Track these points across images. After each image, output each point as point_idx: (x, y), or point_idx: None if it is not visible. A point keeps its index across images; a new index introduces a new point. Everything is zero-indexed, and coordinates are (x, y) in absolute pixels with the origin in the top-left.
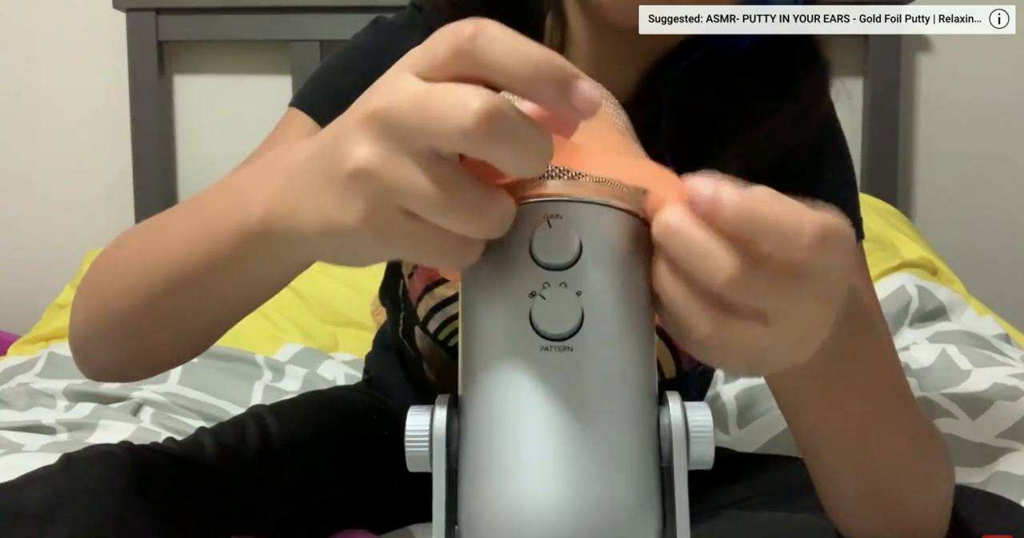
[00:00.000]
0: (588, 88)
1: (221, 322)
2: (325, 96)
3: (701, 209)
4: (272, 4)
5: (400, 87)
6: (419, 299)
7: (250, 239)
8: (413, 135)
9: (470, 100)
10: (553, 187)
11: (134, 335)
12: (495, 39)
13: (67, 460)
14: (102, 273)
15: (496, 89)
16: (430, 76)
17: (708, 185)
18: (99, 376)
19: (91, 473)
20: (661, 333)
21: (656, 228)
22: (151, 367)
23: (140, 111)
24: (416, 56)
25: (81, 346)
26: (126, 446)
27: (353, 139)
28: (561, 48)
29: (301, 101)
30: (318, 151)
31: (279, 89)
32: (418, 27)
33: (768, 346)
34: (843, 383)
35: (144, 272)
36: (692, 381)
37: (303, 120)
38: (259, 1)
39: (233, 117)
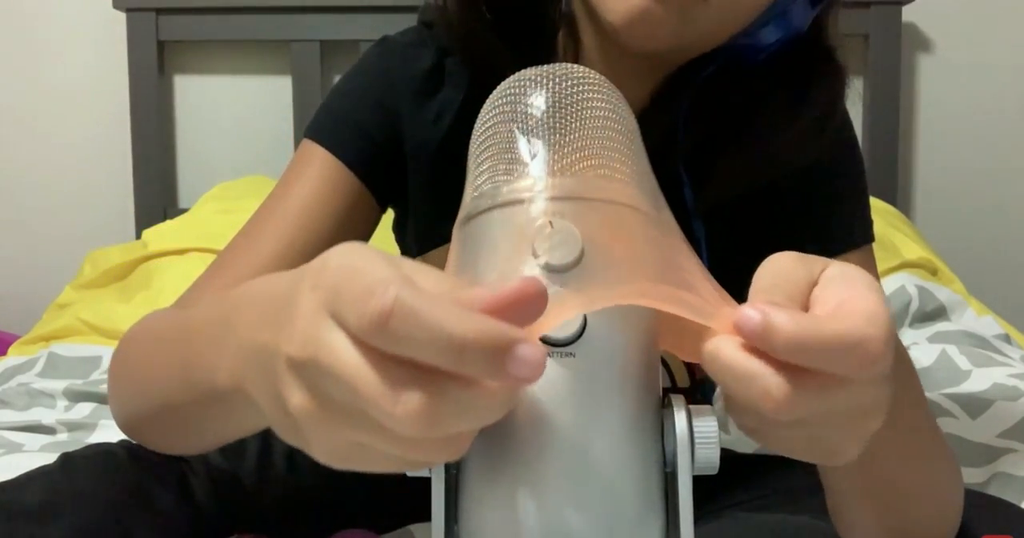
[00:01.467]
0: (528, 353)
1: (233, 435)
2: (342, 127)
3: (750, 338)
4: (272, 4)
5: (329, 343)
6: None
7: (221, 396)
8: (345, 398)
9: (406, 392)
10: (558, 187)
11: (164, 432)
12: (409, 319)
13: (66, 459)
14: (123, 367)
15: None
16: (352, 336)
17: (755, 315)
18: (151, 447)
19: (90, 472)
20: None
21: (703, 357)
22: (196, 448)
23: (140, 111)
24: (333, 297)
25: (125, 424)
26: (125, 445)
27: (285, 382)
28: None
29: (318, 134)
30: (260, 353)
31: (279, 89)
32: (428, 45)
33: (818, 444)
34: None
35: (146, 391)
36: (708, 390)
37: (323, 157)
38: (259, 1)
39: (233, 117)
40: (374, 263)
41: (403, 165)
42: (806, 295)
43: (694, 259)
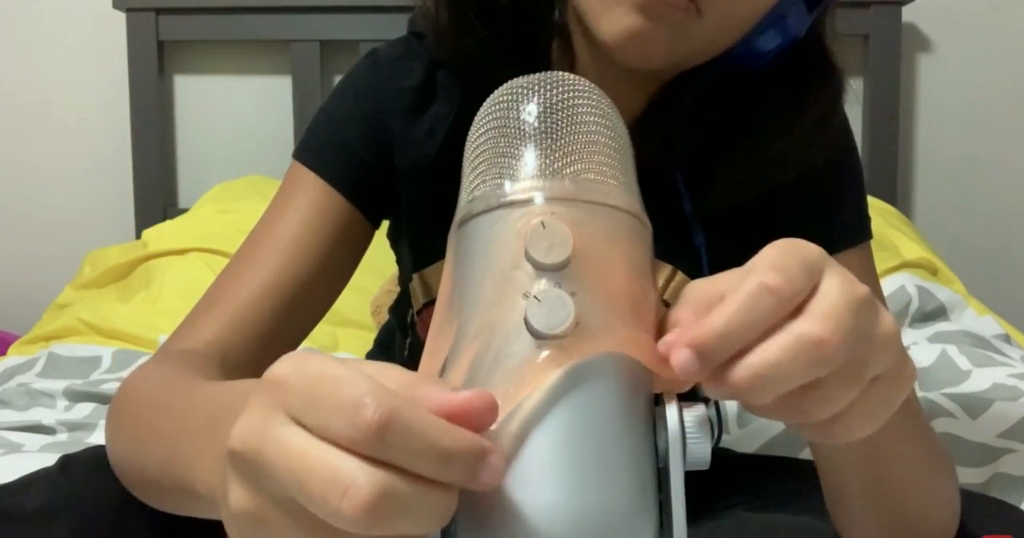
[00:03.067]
0: (497, 463)
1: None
2: (329, 149)
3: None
4: (272, 4)
5: (276, 436)
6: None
7: (200, 498)
8: (286, 495)
9: (355, 485)
10: (550, 190)
11: (148, 497)
12: (404, 431)
13: (66, 461)
14: (117, 426)
15: None
16: (316, 433)
17: (683, 357)
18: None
19: (90, 474)
20: None
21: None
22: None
23: (140, 111)
24: (301, 402)
25: (116, 469)
26: None
27: (228, 478)
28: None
29: (305, 156)
30: (224, 459)
31: (279, 89)
32: (418, 58)
33: (837, 427)
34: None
35: (134, 460)
36: None
37: (311, 181)
38: (259, 1)
39: (233, 117)
40: (343, 370)
41: (395, 183)
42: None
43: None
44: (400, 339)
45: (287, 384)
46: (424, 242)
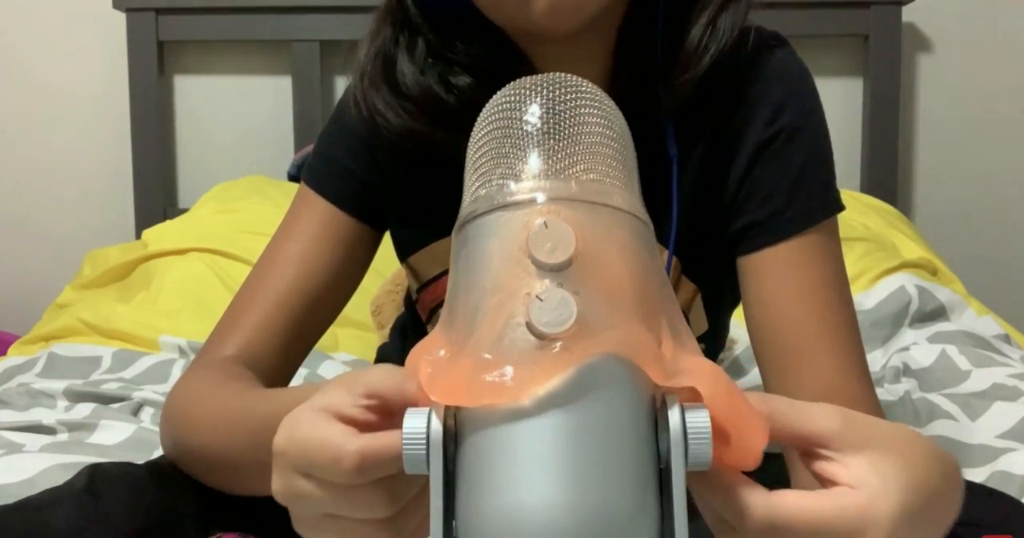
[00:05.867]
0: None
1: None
2: (330, 170)
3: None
4: (272, 4)
5: (299, 492)
6: (427, 321)
7: None
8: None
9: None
10: (554, 190)
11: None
12: (372, 459)
13: (92, 476)
14: (175, 426)
15: None
16: (319, 479)
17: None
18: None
19: (117, 495)
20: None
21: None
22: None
23: (140, 111)
24: (305, 464)
25: (174, 456)
26: (150, 465)
27: (274, 467)
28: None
29: (310, 179)
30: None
31: (279, 89)
32: None
33: None
34: None
35: (208, 446)
36: None
37: (316, 202)
38: (259, 1)
39: (233, 117)
40: (322, 431)
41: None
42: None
43: (662, 266)
44: (415, 334)
45: (288, 453)
46: (406, 228)
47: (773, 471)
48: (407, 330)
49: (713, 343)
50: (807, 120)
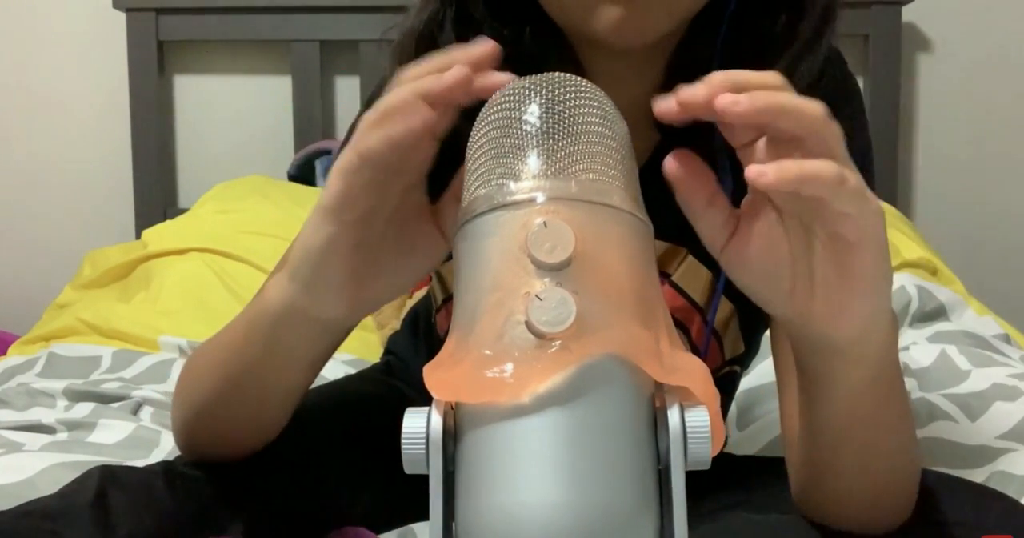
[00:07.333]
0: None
1: (275, 405)
2: None
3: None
4: (272, 4)
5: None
6: (446, 334)
7: (275, 317)
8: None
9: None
10: (553, 189)
11: (215, 422)
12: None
13: (103, 486)
14: (183, 382)
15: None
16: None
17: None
18: (202, 457)
19: (128, 511)
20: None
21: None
22: (236, 447)
23: (140, 111)
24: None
25: (181, 439)
26: (164, 471)
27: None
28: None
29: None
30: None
31: (279, 89)
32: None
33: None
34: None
35: (212, 371)
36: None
37: None
38: (259, 1)
39: (233, 117)
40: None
41: None
42: None
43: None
44: (428, 347)
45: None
46: None
47: (773, 471)
48: (418, 321)
49: (743, 367)
50: (863, 151)
